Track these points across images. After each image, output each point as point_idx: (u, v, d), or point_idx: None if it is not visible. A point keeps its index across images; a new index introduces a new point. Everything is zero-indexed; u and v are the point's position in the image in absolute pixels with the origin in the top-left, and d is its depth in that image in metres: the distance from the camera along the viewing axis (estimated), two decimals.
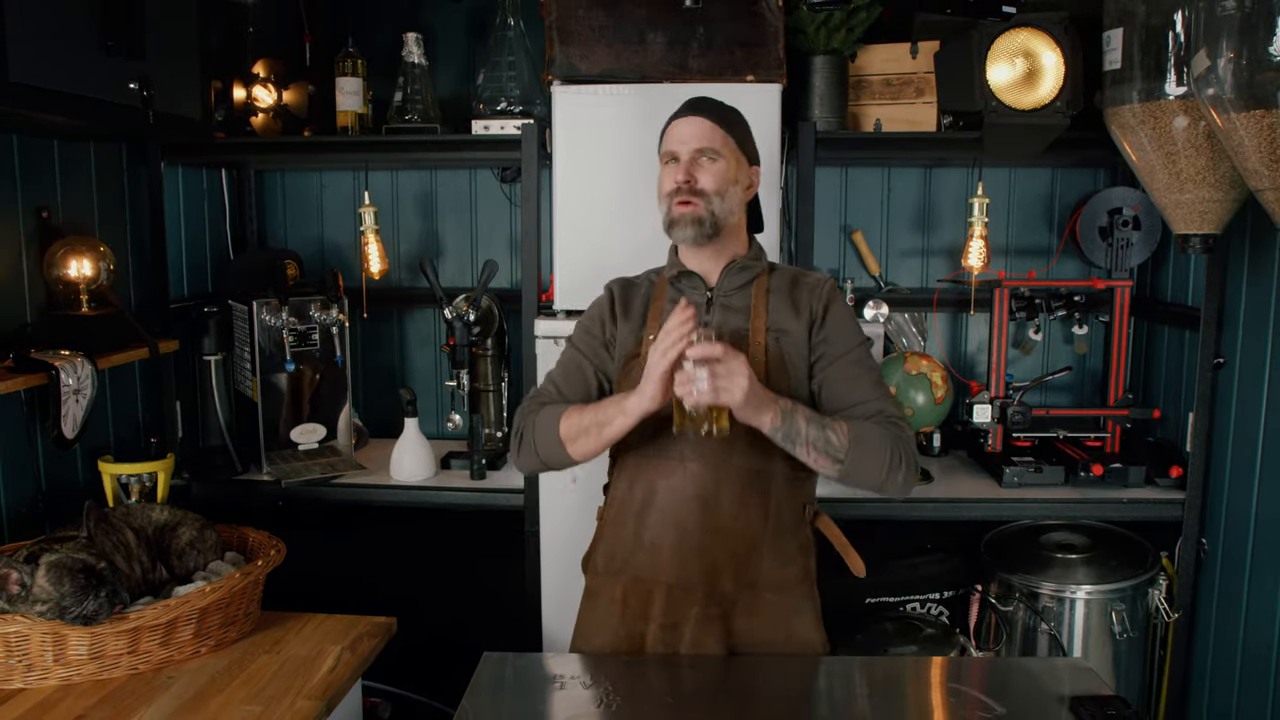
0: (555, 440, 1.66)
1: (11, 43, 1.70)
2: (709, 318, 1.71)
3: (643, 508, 1.68)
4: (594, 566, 1.77)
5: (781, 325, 1.69)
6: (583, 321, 1.82)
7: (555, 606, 2.40)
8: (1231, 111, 1.71)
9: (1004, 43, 2.26)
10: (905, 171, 2.93)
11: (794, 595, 1.70)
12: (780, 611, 1.69)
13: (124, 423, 2.48)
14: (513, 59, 2.64)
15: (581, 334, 1.81)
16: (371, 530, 2.91)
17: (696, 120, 1.68)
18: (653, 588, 1.67)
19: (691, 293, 1.73)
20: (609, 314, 1.78)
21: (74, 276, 2.18)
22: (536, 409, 1.73)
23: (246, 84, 2.67)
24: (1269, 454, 2.23)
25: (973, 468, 2.71)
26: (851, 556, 1.78)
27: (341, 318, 2.61)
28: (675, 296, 1.73)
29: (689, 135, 1.68)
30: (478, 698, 1.53)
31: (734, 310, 1.71)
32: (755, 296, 1.71)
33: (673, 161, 1.69)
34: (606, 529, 1.74)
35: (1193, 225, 2.15)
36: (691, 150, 1.67)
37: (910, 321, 2.92)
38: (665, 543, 1.65)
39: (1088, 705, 1.45)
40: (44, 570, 1.56)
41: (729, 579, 1.66)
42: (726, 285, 1.72)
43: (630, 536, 1.69)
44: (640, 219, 2.30)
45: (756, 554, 1.67)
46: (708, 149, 1.67)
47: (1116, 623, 2.39)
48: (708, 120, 1.68)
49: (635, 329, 1.74)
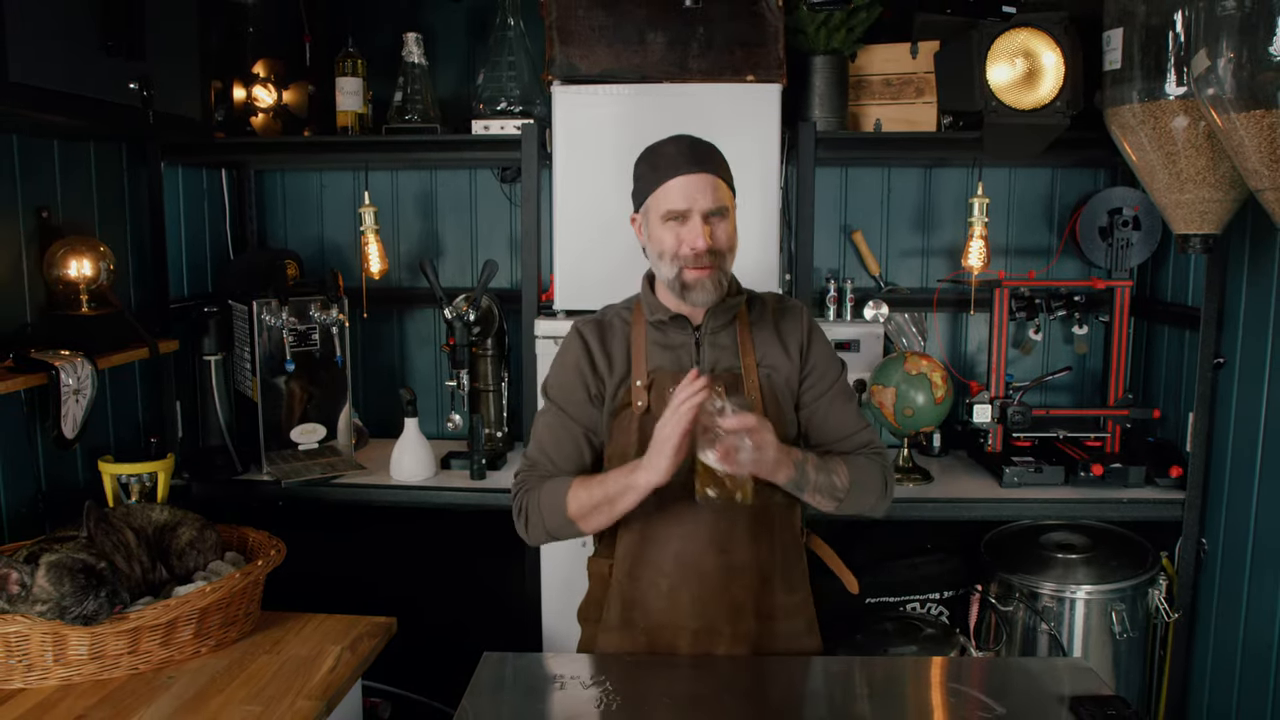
0: (565, 520, 1.63)
1: (11, 43, 1.70)
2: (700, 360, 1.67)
3: (659, 557, 1.66)
4: (606, 621, 1.71)
5: (769, 361, 1.69)
6: (558, 378, 1.73)
7: (555, 606, 2.40)
8: (1231, 111, 1.71)
9: (1004, 43, 2.26)
10: (905, 171, 2.93)
11: (801, 619, 1.74)
12: (790, 636, 1.71)
13: (124, 423, 2.48)
14: (513, 59, 2.64)
15: (562, 394, 1.71)
16: (371, 530, 2.91)
17: (705, 178, 1.60)
18: (676, 634, 1.67)
19: (678, 334, 1.69)
20: (589, 365, 1.70)
21: (74, 276, 2.18)
22: (536, 484, 1.67)
23: (246, 84, 2.67)
24: (1269, 454, 2.23)
25: (973, 468, 2.71)
26: (845, 575, 1.81)
27: (341, 318, 2.61)
28: (659, 339, 1.69)
29: (698, 194, 1.59)
30: (478, 698, 1.53)
31: (722, 348, 1.69)
32: (740, 332, 1.70)
33: (678, 220, 1.60)
34: (620, 582, 1.69)
35: (1193, 225, 2.15)
36: (704, 209, 1.59)
37: (910, 321, 2.92)
38: (687, 590, 1.64)
39: (1088, 705, 1.45)
40: (44, 570, 1.56)
41: (750, 615, 1.67)
42: (713, 324, 1.69)
43: (648, 587, 1.67)
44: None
45: (769, 586, 1.69)
46: (718, 208, 1.61)
47: (1116, 623, 2.39)
48: (713, 176, 1.61)
49: (621, 377, 1.68)
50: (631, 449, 1.64)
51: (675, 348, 1.69)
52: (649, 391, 1.65)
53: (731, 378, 1.66)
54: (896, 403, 2.49)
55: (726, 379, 1.65)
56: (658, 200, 1.62)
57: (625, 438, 1.66)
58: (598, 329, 1.73)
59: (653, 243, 1.64)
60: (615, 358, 1.70)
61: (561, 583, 2.37)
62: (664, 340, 1.70)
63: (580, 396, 1.70)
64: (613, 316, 1.75)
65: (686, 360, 1.68)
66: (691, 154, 1.62)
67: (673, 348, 1.69)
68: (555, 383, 1.73)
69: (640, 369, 1.67)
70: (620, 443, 1.66)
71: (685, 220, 1.60)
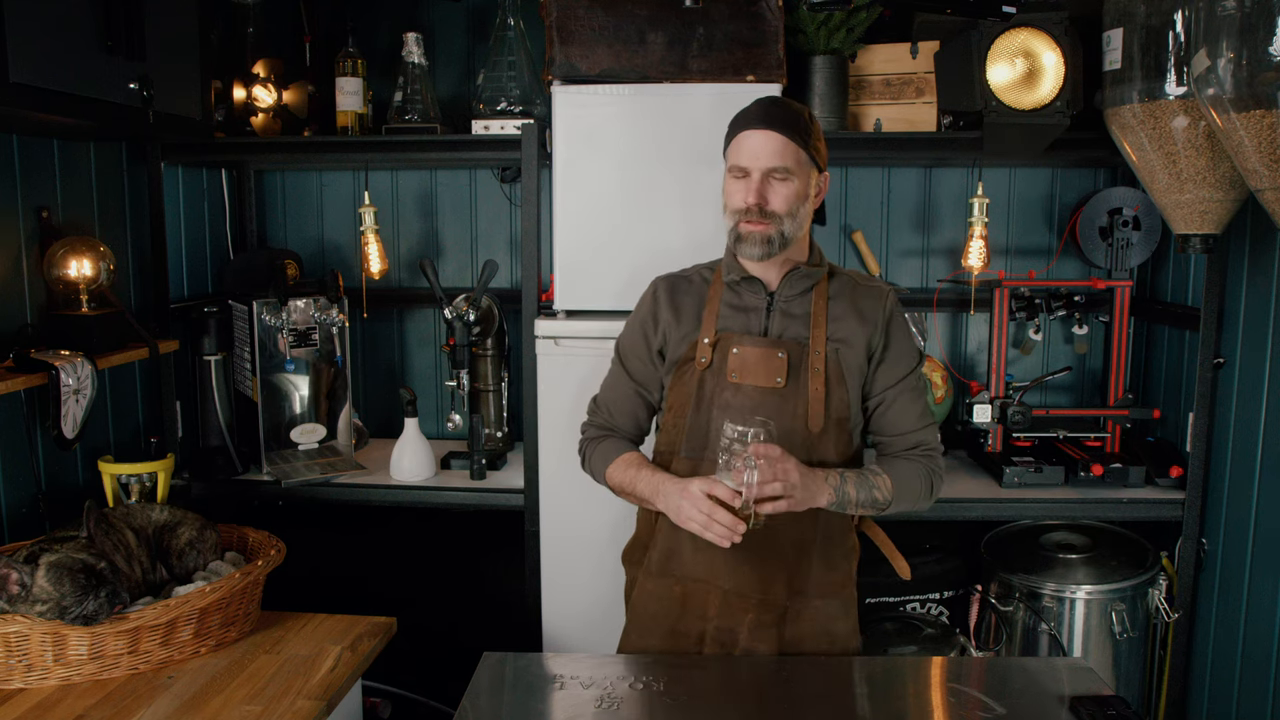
0: (606, 484, 1.79)
1: (11, 43, 1.70)
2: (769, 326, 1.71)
3: None
4: (648, 565, 1.76)
5: (841, 335, 1.69)
6: (627, 332, 1.82)
7: (555, 606, 2.39)
8: (1231, 111, 1.71)
9: (1004, 43, 2.26)
10: (905, 171, 2.93)
11: (838, 599, 1.74)
12: (824, 616, 1.72)
13: (124, 423, 2.48)
14: (513, 59, 2.64)
15: (625, 348, 1.81)
16: (371, 530, 2.91)
17: (770, 135, 1.62)
18: (708, 591, 1.70)
19: (751, 297, 1.72)
20: (652, 321, 1.76)
21: (74, 276, 2.18)
22: (596, 437, 1.82)
23: (246, 84, 2.67)
24: (1269, 454, 2.23)
25: (973, 468, 2.70)
26: (898, 560, 1.82)
27: (341, 318, 2.61)
28: (733, 300, 1.73)
29: (761, 151, 1.62)
30: (478, 698, 1.53)
31: (794, 317, 1.70)
32: (815, 304, 1.70)
33: (743, 177, 1.64)
34: (663, 529, 1.74)
35: (1193, 225, 2.15)
36: (763, 168, 1.62)
37: (910, 321, 2.92)
38: (721, 550, 1.64)
39: (1088, 705, 1.45)
40: (44, 570, 1.56)
41: (781, 586, 1.68)
42: (787, 291, 1.71)
43: (687, 539, 1.68)
44: (640, 219, 2.31)
45: (807, 561, 1.70)
46: (779, 168, 1.62)
47: (1116, 623, 2.39)
48: (781, 135, 1.62)
49: (689, 332, 1.72)
50: (689, 401, 1.69)
51: (747, 310, 1.72)
52: (714, 349, 1.69)
53: (797, 347, 1.68)
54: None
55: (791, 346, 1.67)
56: (730, 154, 1.70)
57: (684, 389, 1.70)
58: (671, 285, 1.79)
59: (725, 195, 1.70)
60: (685, 312, 1.75)
61: (561, 583, 2.37)
62: (738, 302, 1.72)
63: (641, 352, 1.78)
64: (694, 273, 1.81)
65: (755, 324, 1.70)
66: (765, 113, 1.66)
67: (744, 310, 1.72)
68: (624, 336, 1.83)
69: (710, 327, 1.70)
70: (680, 393, 1.71)
71: (747, 176, 1.65)
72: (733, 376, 1.67)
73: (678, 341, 1.73)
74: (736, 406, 1.66)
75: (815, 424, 1.65)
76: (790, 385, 1.66)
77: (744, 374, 1.66)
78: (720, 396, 1.68)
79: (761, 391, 1.66)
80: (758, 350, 1.67)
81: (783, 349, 1.66)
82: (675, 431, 1.72)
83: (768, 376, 1.66)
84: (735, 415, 1.63)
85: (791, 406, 1.66)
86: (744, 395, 1.66)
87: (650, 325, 1.77)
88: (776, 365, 1.66)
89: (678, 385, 1.71)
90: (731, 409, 1.66)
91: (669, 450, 1.73)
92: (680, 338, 1.73)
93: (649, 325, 1.77)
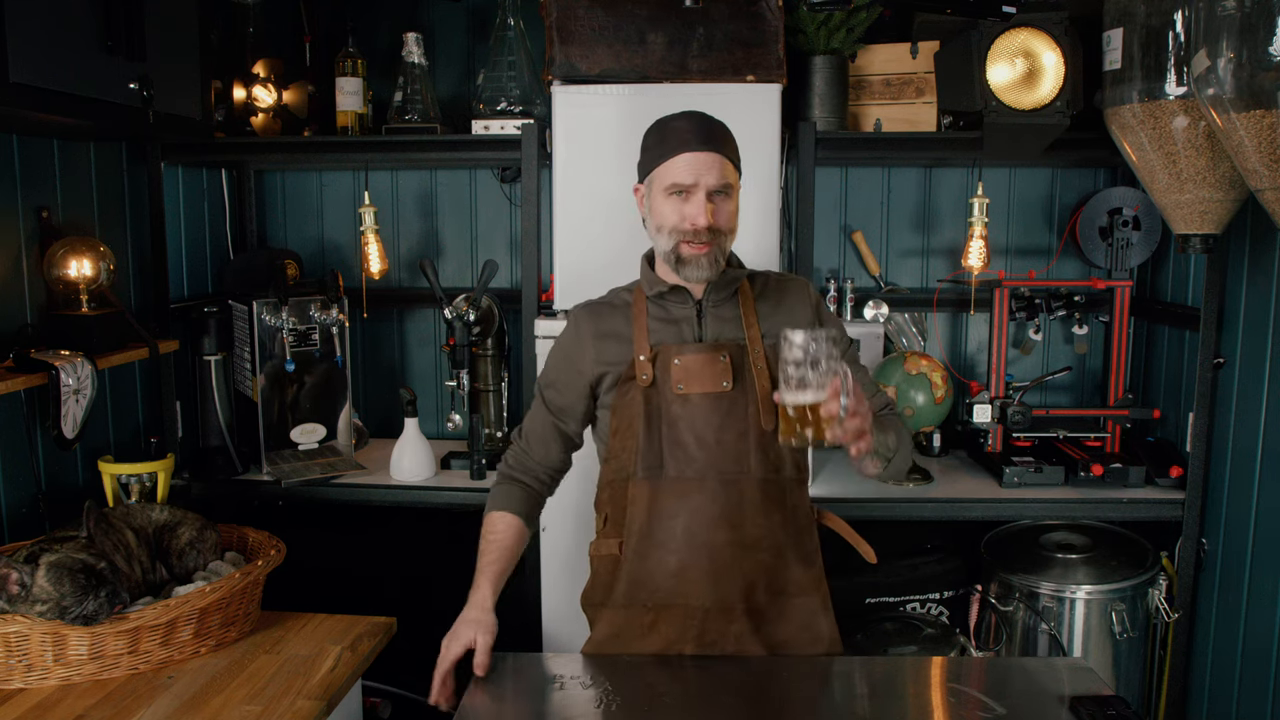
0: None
1: (11, 43, 1.70)
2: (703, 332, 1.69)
3: (667, 534, 1.65)
4: (613, 601, 1.70)
5: (776, 332, 1.67)
6: (548, 363, 1.79)
7: (555, 606, 2.39)
8: (1231, 111, 1.71)
9: (1004, 43, 2.26)
10: (905, 171, 2.93)
11: (817, 595, 1.72)
12: (805, 613, 1.70)
13: (124, 423, 2.48)
14: (513, 59, 2.64)
15: (546, 379, 1.79)
16: (371, 530, 2.91)
17: (713, 157, 1.61)
18: (687, 614, 1.66)
19: (678, 308, 1.70)
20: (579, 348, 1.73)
21: (74, 276, 2.18)
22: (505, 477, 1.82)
23: (246, 84, 2.67)
24: (1269, 454, 2.23)
25: (973, 468, 2.70)
26: (862, 546, 1.80)
27: (341, 318, 2.61)
28: (660, 314, 1.71)
29: (704, 172, 1.60)
30: (477, 698, 1.53)
31: (725, 320, 1.70)
32: (743, 304, 1.71)
33: (681, 195, 1.62)
34: (628, 561, 1.68)
35: (1193, 225, 2.15)
36: (710, 186, 1.61)
37: (910, 321, 2.92)
38: (697, 567, 1.63)
39: (1088, 705, 1.45)
40: (44, 570, 1.56)
41: (763, 591, 1.67)
42: (715, 296, 1.70)
43: (656, 565, 1.65)
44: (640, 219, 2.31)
45: (783, 561, 1.68)
46: (723, 187, 1.62)
47: (1116, 623, 2.39)
48: (719, 155, 1.61)
49: (625, 353, 1.70)
50: (638, 420, 1.66)
51: (677, 321, 1.70)
52: (653, 365, 1.67)
53: (737, 348, 1.67)
54: (897, 402, 2.49)
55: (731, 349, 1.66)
56: (663, 173, 1.63)
57: (630, 409, 1.67)
58: (593, 311, 1.77)
59: (654, 215, 1.67)
60: (614, 335, 1.72)
61: (562, 582, 2.37)
62: (665, 315, 1.71)
63: (565, 382, 1.75)
64: (611, 296, 1.80)
65: (689, 333, 1.69)
66: (701, 131, 1.63)
67: (674, 321, 1.70)
68: (546, 369, 1.81)
69: (643, 343, 1.68)
70: (625, 414, 1.68)
71: (689, 196, 1.62)
72: (678, 388, 1.64)
73: (617, 362, 1.70)
74: (688, 418, 1.64)
75: (768, 422, 1.63)
76: (737, 388, 1.65)
77: (689, 383, 1.64)
78: (669, 411, 1.65)
79: (709, 398, 1.64)
80: (700, 357, 1.65)
81: (724, 352, 1.65)
82: (626, 455, 1.68)
83: (714, 382, 1.64)
84: (687, 427, 1.63)
85: (742, 409, 1.64)
86: (692, 405, 1.64)
87: (577, 354, 1.73)
88: (720, 369, 1.64)
89: (621, 407, 1.68)
90: (682, 421, 1.64)
91: (621, 476, 1.69)
92: (618, 358, 1.70)
93: (576, 355, 1.74)
